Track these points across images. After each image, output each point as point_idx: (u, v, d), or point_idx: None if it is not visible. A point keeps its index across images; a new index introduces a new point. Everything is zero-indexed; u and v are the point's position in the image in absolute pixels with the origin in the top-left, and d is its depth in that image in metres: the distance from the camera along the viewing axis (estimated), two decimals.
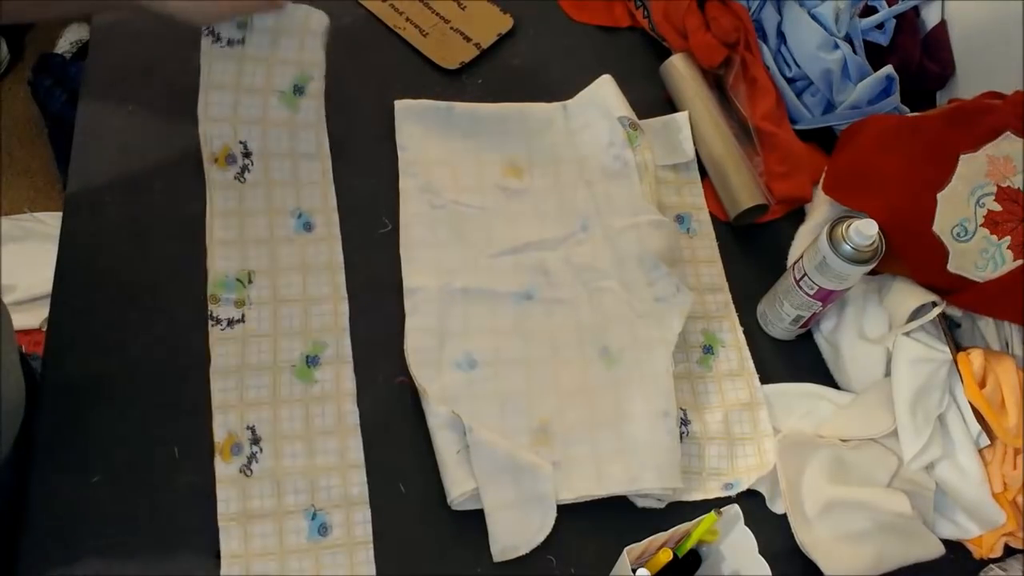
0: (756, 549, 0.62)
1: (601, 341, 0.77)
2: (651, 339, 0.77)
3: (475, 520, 0.70)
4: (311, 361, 0.72)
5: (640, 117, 0.92)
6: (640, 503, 0.72)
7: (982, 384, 0.74)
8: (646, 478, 0.71)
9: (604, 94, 0.88)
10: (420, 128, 0.85)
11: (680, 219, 0.88)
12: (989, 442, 0.74)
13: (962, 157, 0.76)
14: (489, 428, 0.70)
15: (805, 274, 0.76)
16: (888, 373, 0.77)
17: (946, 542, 0.74)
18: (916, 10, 1.02)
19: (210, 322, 0.72)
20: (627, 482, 0.71)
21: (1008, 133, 0.76)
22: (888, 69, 0.93)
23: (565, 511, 0.71)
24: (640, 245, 0.80)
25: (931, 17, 1.02)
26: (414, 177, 0.82)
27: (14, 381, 0.67)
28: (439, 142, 0.85)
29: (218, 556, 0.64)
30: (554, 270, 0.80)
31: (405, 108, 0.85)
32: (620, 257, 0.80)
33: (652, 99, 0.95)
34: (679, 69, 0.93)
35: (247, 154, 0.77)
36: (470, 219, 0.81)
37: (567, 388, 0.75)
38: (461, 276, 0.78)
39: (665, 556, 0.61)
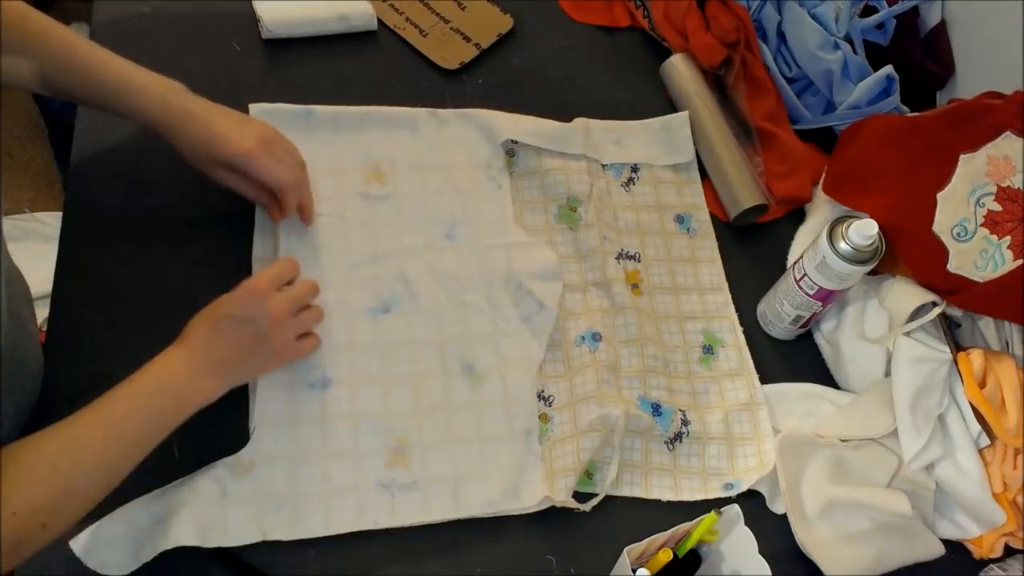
0: (756, 549, 0.62)
1: (465, 357, 0.76)
2: (517, 359, 0.77)
3: (475, 521, 0.70)
4: None
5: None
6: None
7: (982, 384, 0.74)
8: (505, 501, 0.70)
9: (489, 119, 0.87)
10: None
11: (680, 219, 0.88)
12: (989, 442, 0.74)
13: (962, 157, 0.76)
14: (343, 450, 0.70)
15: (805, 274, 0.76)
16: (888, 373, 0.77)
17: (946, 542, 0.74)
18: (916, 10, 1.02)
19: None
20: (485, 505, 0.70)
21: (1008, 133, 0.76)
22: (888, 69, 0.93)
23: (564, 512, 0.71)
24: (508, 264, 0.80)
25: (931, 17, 1.02)
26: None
27: (35, 352, 0.68)
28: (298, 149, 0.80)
29: (219, 556, 0.65)
30: (415, 278, 0.78)
31: (261, 112, 0.81)
32: (487, 273, 0.80)
33: (652, 99, 0.95)
34: (679, 69, 0.93)
35: None
36: (327, 230, 0.78)
37: (427, 404, 0.73)
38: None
39: (665, 556, 0.61)
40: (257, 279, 0.67)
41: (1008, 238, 0.74)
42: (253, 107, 0.82)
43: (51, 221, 1.34)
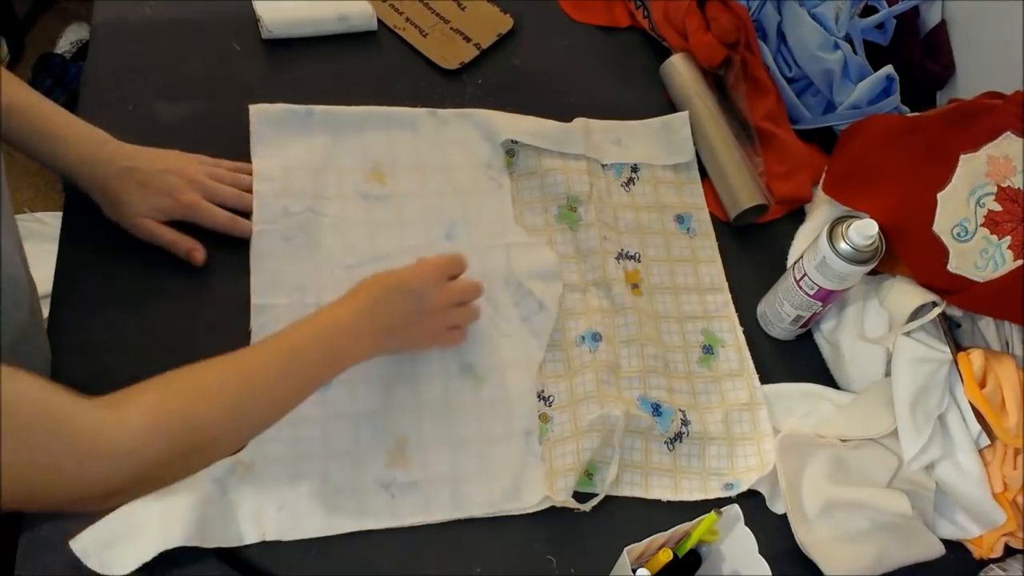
0: (756, 549, 0.62)
1: (465, 357, 0.76)
2: (517, 360, 0.77)
3: (475, 521, 0.70)
4: None
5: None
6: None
7: (982, 384, 0.74)
8: (505, 501, 0.70)
9: (489, 119, 0.87)
10: (278, 135, 0.81)
11: (680, 219, 0.88)
12: (989, 442, 0.74)
13: (962, 157, 0.76)
14: (343, 450, 0.70)
15: (805, 274, 0.76)
16: (888, 373, 0.77)
17: (946, 542, 0.74)
18: (916, 10, 1.02)
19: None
20: (485, 505, 0.70)
21: (1008, 133, 0.76)
22: (888, 69, 0.93)
23: (564, 512, 0.71)
24: (508, 265, 0.80)
25: (931, 17, 1.02)
26: (270, 182, 0.79)
27: (44, 346, 0.68)
28: (298, 149, 0.81)
29: (219, 556, 0.65)
30: None
31: (261, 113, 0.81)
32: (486, 273, 0.79)
33: (652, 99, 0.95)
34: (679, 69, 0.93)
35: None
36: (327, 229, 0.78)
37: (427, 403, 0.73)
38: (314, 291, 0.75)
39: (665, 556, 0.61)
40: (435, 261, 0.71)
41: (1008, 238, 0.74)
42: (253, 107, 0.82)
43: (51, 221, 1.35)
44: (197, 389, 0.56)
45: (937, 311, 0.77)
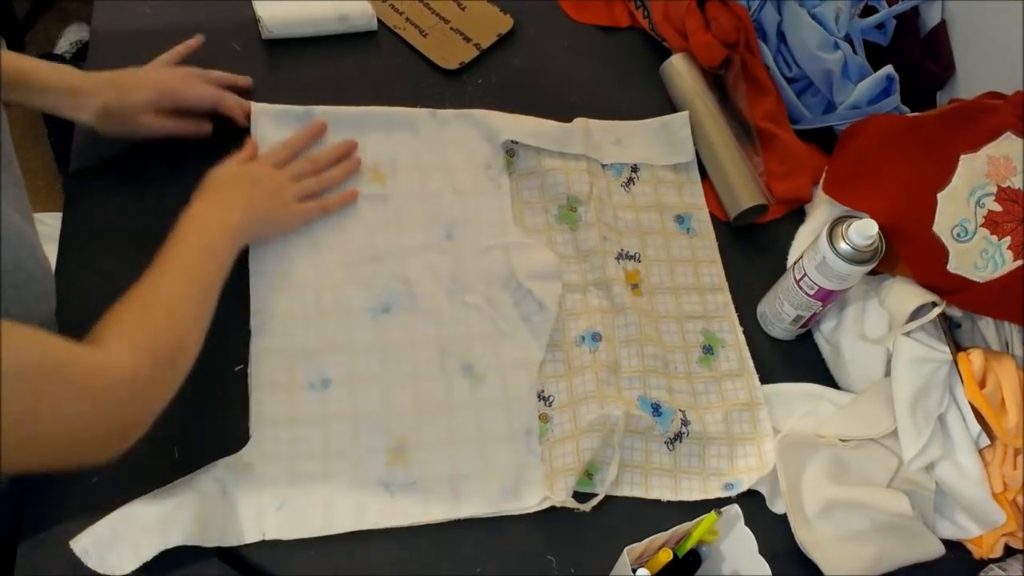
0: (756, 549, 0.62)
1: (465, 357, 0.76)
2: (517, 360, 0.77)
3: (475, 521, 0.70)
4: None
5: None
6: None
7: (982, 384, 0.74)
8: (505, 501, 0.70)
9: (489, 119, 0.87)
10: (278, 135, 0.81)
11: (680, 219, 0.88)
12: (989, 442, 0.74)
13: (962, 157, 0.76)
14: (343, 449, 0.70)
15: (805, 274, 0.76)
16: (888, 373, 0.77)
17: (946, 542, 0.74)
18: (916, 10, 1.02)
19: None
20: (485, 505, 0.70)
21: (1008, 133, 0.76)
22: (888, 69, 0.93)
23: (564, 512, 0.71)
24: (508, 265, 0.80)
25: (931, 17, 1.02)
26: None
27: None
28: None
29: (219, 556, 0.65)
30: (415, 278, 0.78)
31: (262, 112, 0.82)
32: (486, 273, 0.80)
33: (652, 99, 0.95)
34: (679, 69, 0.93)
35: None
36: (327, 228, 0.79)
37: (427, 404, 0.73)
38: (313, 290, 0.76)
39: (665, 556, 0.61)
40: (261, 156, 0.78)
41: (1008, 238, 0.74)
42: (255, 106, 0.82)
43: (51, 221, 1.34)
44: (144, 306, 0.61)
45: (937, 311, 0.77)
